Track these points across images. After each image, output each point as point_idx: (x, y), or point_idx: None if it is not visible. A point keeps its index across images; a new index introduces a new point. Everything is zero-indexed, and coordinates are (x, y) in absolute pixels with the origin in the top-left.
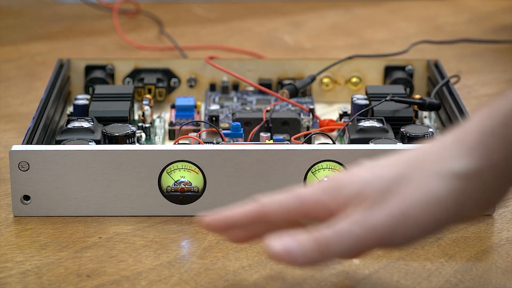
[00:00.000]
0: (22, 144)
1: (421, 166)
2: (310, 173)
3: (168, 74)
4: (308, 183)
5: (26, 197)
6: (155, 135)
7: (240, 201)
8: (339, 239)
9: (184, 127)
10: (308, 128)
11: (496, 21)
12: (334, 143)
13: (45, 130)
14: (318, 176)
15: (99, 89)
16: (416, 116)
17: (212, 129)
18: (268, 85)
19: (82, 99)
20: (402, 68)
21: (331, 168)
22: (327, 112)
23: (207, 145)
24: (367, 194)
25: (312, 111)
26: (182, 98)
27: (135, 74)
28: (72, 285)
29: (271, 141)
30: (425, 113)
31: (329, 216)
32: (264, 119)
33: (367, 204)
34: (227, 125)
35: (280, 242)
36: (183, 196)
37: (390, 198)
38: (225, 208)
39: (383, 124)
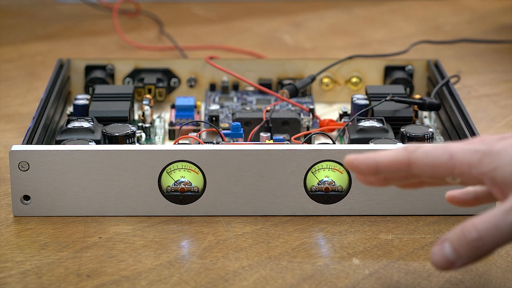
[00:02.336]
0: (22, 144)
1: None
2: (310, 173)
3: (168, 74)
4: (308, 183)
5: (26, 197)
6: (155, 135)
7: (240, 201)
8: (492, 232)
9: (184, 127)
10: (308, 128)
11: (496, 21)
12: (334, 143)
13: (45, 130)
14: (318, 176)
15: (99, 89)
16: (416, 116)
17: (212, 129)
18: (268, 85)
19: (82, 99)
20: (402, 68)
21: (331, 168)
22: (327, 112)
23: (207, 145)
24: None
25: (312, 111)
26: (182, 98)
27: (135, 74)
28: (72, 285)
29: (271, 141)
30: (425, 113)
31: (479, 182)
32: (264, 119)
33: None
34: (227, 125)
35: (438, 254)
36: (183, 196)
37: None
38: (369, 151)
39: (383, 124)
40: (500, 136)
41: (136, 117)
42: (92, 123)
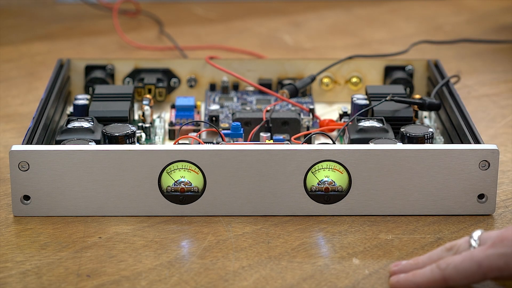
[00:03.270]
0: (22, 144)
1: None
2: (310, 173)
3: (168, 74)
4: (308, 183)
5: (26, 197)
6: (155, 135)
7: (240, 201)
8: None
9: (184, 127)
10: (308, 128)
11: (496, 21)
12: (334, 143)
13: (45, 130)
14: (318, 176)
15: (99, 89)
16: (416, 116)
17: (212, 129)
18: (268, 85)
19: (82, 99)
20: (402, 68)
21: (331, 168)
22: (327, 112)
23: (207, 145)
24: None
25: (312, 111)
26: (182, 98)
27: (135, 74)
28: (72, 285)
29: (271, 141)
30: (425, 113)
31: (508, 276)
32: (264, 119)
33: None
34: (227, 125)
35: None
36: (183, 196)
37: None
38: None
39: (383, 124)
40: None
41: (136, 117)
42: (92, 123)
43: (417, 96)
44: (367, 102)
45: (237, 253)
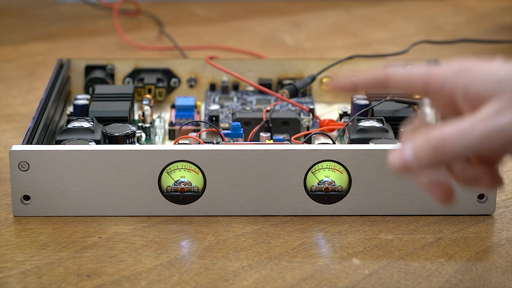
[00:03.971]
0: (22, 144)
1: None
2: (310, 173)
3: (168, 74)
4: (308, 183)
5: (26, 197)
6: (155, 135)
7: (240, 201)
8: (456, 139)
9: (184, 127)
10: (308, 128)
11: (496, 21)
12: (334, 143)
13: (45, 130)
14: (318, 176)
15: (99, 89)
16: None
17: (212, 129)
18: (268, 85)
19: (82, 99)
20: None
21: (331, 168)
22: (327, 112)
23: (207, 145)
24: (500, 93)
25: (312, 111)
26: (182, 98)
27: (135, 74)
28: (72, 285)
29: (271, 141)
30: None
31: (446, 96)
32: (264, 119)
33: (498, 105)
34: (227, 125)
35: (397, 154)
36: (183, 196)
37: None
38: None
39: (383, 124)
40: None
41: (136, 117)
42: (92, 123)
43: (417, 96)
44: (367, 102)
45: (237, 253)
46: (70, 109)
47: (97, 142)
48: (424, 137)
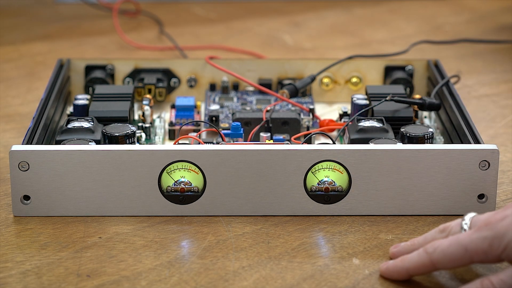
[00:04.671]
0: (22, 144)
1: None
2: (310, 173)
3: (168, 74)
4: (308, 183)
5: (26, 197)
6: (155, 135)
7: (240, 201)
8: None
9: (184, 127)
10: (308, 128)
11: (496, 21)
12: (334, 143)
13: (45, 130)
14: (318, 176)
15: (99, 89)
16: (416, 116)
17: (212, 129)
18: (268, 85)
19: (82, 99)
20: (402, 68)
21: (331, 168)
22: (327, 112)
23: (207, 145)
24: None
25: (312, 111)
26: (182, 98)
27: (135, 74)
28: (72, 285)
29: (271, 141)
30: (425, 113)
31: (493, 259)
32: (264, 119)
33: None
34: (227, 125)
35: None
36: (183, 196)
37: None
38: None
39: (383, 124)
40: (502, 214)
41: (136, 117)
42: (92, 123)
43: (417, 96)
44: (367, 102)
45: (237, 253)
46: (70, 109)
47: (97, 142)
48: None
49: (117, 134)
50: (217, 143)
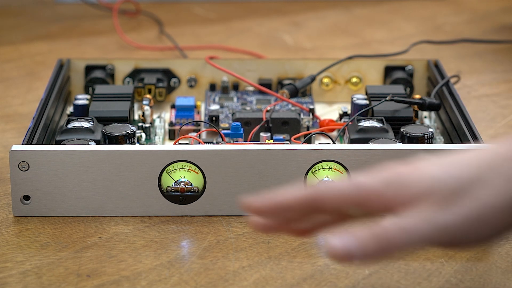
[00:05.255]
0: (22, 144)
1: (499, 170)
2: (310, 173)
3: (168, 74)
4: (308, 183)
5: (26, 197)
6: (155, 135)
7: (239, 201)
8: (403, 236)
9: (184, 127)
10: (308, 128)
11: (496, 21)
12: (334, 143)
13: (45, 130)
14: (318, 176)
15: (99, 89)
16: (416, 116)
17: (212, 129)
18: (268, 85)
19: (82, 99)
20: (402, 68)
21: (331, 168)
22: (327, 112)
23: (207, 145)
24: (437, 192)
25: (312, 111)
26: (182, 98)
27: (135, 74)
28: (72, 285)
29: (271, 141)
30: (425, 113)
31: (386, 209)
32: (264, 119)
33: (437, 203)
34: (227, 125)
35: (339, 241)
36: (183, 196)
37: (463, 199)
38: (272, 191)
39: (383, 124)
40: (404, 162)
41: (136, 117)
42: (92, 123)
43: (417, 96)
44: (367, 102)
45: (237, 253)
46: (70, 109)
47: (97, 142)
48: (368, 230)
49: (117, 134)
50: (217, 143)
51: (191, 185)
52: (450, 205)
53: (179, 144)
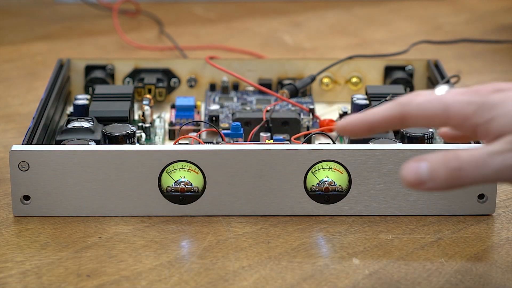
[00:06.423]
0: (22, 144)
1: None
2: (310, 173)
3: (168, 74)
4: (308, 183)
5: (26, 197)
6: (155, 135)
7: (240, 201)
8: (473, 168)
9: (184, 127)
10: (308, 128)
11: (496, 21)
12: (334, 143)
13: (45, 130)
14: (318, 176)
15: (99, 89)
16: None
17: (212, 129)
18: (268, 85)
19: (82, 99)
20: (402, 68)
21: (331, 168)
22: (327, 112)
23: (207, 145)
24: None
25: (312, 111)
26: (182, 98)
27: (135, 74)
28: (72, 285)
29: (271, 141)
30: None
31: (469, 127)
32: (264, 119)
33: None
34: (227, 125)
35: (411, 168)
36: (183, 196)
37: None
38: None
39: None
40: (494, 87)
41: (136, 117)
42: (92, 123)
43: None
44: (367, 102)
45: (237, 253)
46: (70, 109)
47: (97, 142)
48: (441, 158)
49: (117, 134)
50: (217, 143)
51: (191, 185)
52: None
53: (179, 144)
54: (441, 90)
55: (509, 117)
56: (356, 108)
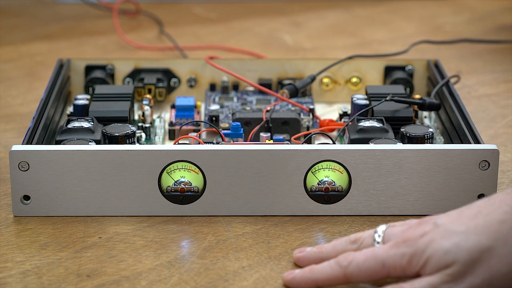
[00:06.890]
0: (22, 144)
1: (506, 240)
2: (310, 173)
3: (168, 74)
4: (308, 183)
5: (26, 197)
6: (155, 135)
7: (240, 201)
8: None
9: (184, 127)
10: (308, 128)
11: (496, 21)
12: (334, 143)
13: (45, 130)
14: (318, 176)
15: (99, 89)
16: (416, 116)
17: (212, 129)
18: (268, 85)
19: (82, 99)
20: (402, 68)
21: (331, 168)
22: (327, 112)
23: (207, 145)
24: (450, 263)
25: (312, 111)
26: (182, 98)
27: (135, 74)
28: (72, 285)
29: (271, 141)
30: (425, 113)
31: (410, 274)
32: (264, 119)
33: (451, 274)
34: (227, 125)
35: None
36: (183, 196)
37: (474, 269)
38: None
39: (383, 124)
40: (419, 229)
41: (136, 117)
42: (92, 123)
43: (417, 96)
44: (367, 102)
45: (237, 253)
46: (70, 109)
47: (97, 142)
48: None
49: (117, 134)
50: (217, 143)
51: (191, 185)
52: (462, 277)
53: (179, 144)
54: (380, 231)
55: (440, 254)
56: (356, 108)
